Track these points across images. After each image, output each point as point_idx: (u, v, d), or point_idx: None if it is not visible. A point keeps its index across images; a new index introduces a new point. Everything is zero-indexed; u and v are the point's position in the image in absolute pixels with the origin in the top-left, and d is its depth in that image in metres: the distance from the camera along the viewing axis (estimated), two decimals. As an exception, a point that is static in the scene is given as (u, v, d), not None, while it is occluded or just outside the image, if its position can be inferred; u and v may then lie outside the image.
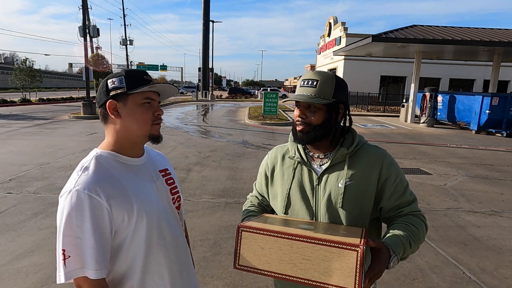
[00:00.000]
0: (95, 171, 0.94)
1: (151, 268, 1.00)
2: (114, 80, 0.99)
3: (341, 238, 0.78)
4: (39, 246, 3.33)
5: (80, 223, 0.87)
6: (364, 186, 1.11)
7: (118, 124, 1.01)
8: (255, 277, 2.94)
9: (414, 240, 1.04)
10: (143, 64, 45.68)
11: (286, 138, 7.73)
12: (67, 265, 0.86)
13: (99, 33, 27.09)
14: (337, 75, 1.17)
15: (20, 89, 24.07)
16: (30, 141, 8.93)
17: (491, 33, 16.42)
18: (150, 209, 0.99)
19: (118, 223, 0.93)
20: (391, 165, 1.14)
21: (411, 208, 1.13)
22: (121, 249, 0.96)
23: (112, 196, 0.92)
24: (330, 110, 1.13)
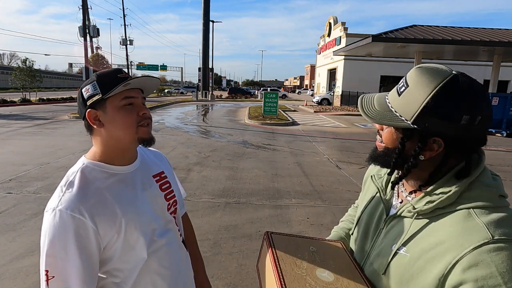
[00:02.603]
0: (79, 187, 0.90)
1: (143, 277, 0.97)
2: (88, 88, 0.93)
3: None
4: (39, 246, 3.33)
5: (63, 245, 0.84)
6: (415, 271, 0.69)
7: (102, 133, 0.95)
8: (255, 277, 2.94)
9: None
10: (143, 64, 45.70)
11: (286, 138, 7.75)
12: (50, 286, 0.84)
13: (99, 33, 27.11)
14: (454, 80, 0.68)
15: (20, 89, 24.06)
16: (30, 141, 8.93)
17: (491, 33, 16.42)
18: (140, 220, 0.94)
19: (107, 240, 0.90)
20: (487, 271, 0.60)
21: None
22: (111, 260, 0.93)
23: (97, 213, 0.87)
24: (406, 137, 0.73)
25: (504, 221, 0.64)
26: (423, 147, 0.71)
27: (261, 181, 5.84)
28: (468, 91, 0.67)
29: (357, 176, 6.35)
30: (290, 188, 5.48)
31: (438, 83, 0.68)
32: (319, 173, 6.49)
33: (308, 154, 8.26)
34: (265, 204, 4.73)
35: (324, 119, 17.49)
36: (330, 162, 7.48)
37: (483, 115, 0.66)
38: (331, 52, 29.16)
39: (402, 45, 15.08)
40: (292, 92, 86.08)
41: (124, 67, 44.49)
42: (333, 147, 9.46)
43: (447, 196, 0.69)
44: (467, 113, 0.65)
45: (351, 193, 5.34)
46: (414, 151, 0.72)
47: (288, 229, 3.93)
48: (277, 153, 8.32)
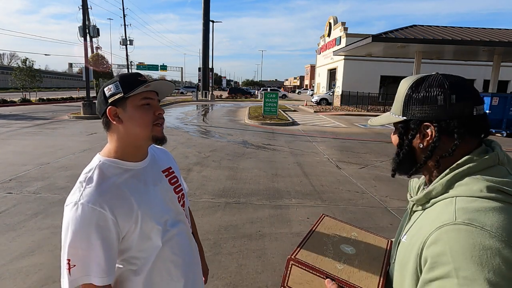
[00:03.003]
0: (99, 183, 0.96)
1: (158, 265, 1.04)
2: (110, 87, 1.00)
3: (363, 280, 0.85)
4: (39, 246, 3.33)
5: (85, 236, 0.91)
6: (407, 254, 0.76)
7: (120, 129, 1.01)
8: (255, 277, 2.95)
9: None
10: (143, 64, 45.68)
11: (286, 138, 7.75)
12: (72, 274, 0.91)
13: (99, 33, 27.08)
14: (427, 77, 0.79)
15: (20, 89, 24.08)
16: (30, 141, 8.93)
17: (491, 33, 16.42)
18: (154, 213, 1.02)
19: (125, 230, 0.97)
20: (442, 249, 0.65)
21: None
22: (128, 251, 1.00)
23: (116, 206, 0.94)
24: (403, 131, 0.83)
25: (478, 210, 0.66)
26: (416, 133, 0.79)
27: (261, 181, 5.84)
28: (437, 78, 0.78)
29: (357, 176, 6.35)
30: (290, 188, 5.48)
31: (413, 79, 0.81)
32: (319, 173, 6.49)
33: (308, 154, 8.26)
34: (265, 204, 4.73)
35: (324, 119, 17.49)
36: (330, 162, 7.48)
37: (458, 94, 0.74)
38: (331, 52, 29.15)
39: (402, 45, 15.08)
40: (292, 92, 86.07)
41: (124, 67, 44.49)
42: (333, 147, 9.46)
43: (436, 185, 0.76)
44: (439, 94, 0.75)
45: (351, 193, 5.34)
46: (407, 138, 0.81)
47: (288, 229, 3.93)
48: (277, 153, 8.32)
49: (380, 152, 8.84)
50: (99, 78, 34.17)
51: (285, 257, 3.29)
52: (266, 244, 3.56)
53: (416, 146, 0.81)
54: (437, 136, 0.77)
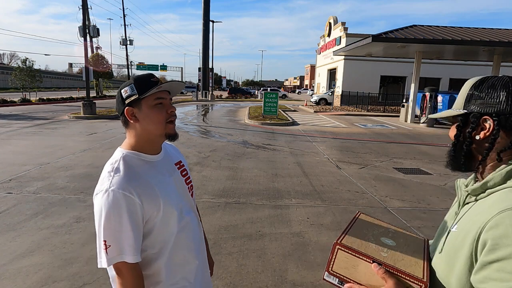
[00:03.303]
0: (125, 172, 1.07)
1: (175, 249, 1.16)
2: (126, 89, 1.12)
3: (408, 267, 0.88)
4: (39, 246, 3.33)
5: (118, 219, 1.02)
6: (460, 241, 0.79)
7: (137, 127, 1.13)
8: (255, 277, 2.95)
9: None
10: (143, 64, 45.66)
11: (286, 138, 7.74)
12: (109, 253, 1.01)
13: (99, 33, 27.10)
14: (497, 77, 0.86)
15: (20, 89, 24.06)
16: (30, 141, 8.93)
17: (491, 33, 16.42)
18: (171, 200, 1.13)
19: (149, 215, 1.08)
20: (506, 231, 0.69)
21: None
22: (150, 233, 1.11)
23: (142, 193, 1.05)
24: (462, 124, 0.88)
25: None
26: (475, 126, 0.84)
27: (261, 181, 5.84)
28: (501, 77, 0.84)
29: (357, 176, 6.35)
30: (290, 188, 5.48)
31: (478, 78, 0.87)
32: (319, 173, 6.49)
33: (308, 154, 8.26)
34: (265, 204, 4.73)
35: (324, 119, 17.49)
36: (330, 162, 7.48)
37: None
38: (331, 52, 29.15)
39: (402, 45, 15.08)
40: (292, 92, 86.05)
41: (124, 67, 44.49)
42: (333, 147, 9.46)
43: (495, 175, 0.79)
44: (502, 90, 0.81)
45: (351, 193, 5.34)
46: (467, 132, 0.86)
47: (288, 229, 3.93)
48: (277, 153, 8.32)
49: (380, 152, 8.84)
50: (99, 78, 34.21)
51: (285, 257, 3.30)
52: (266, 244, 3.56)
53: (473, 138, 0.85)
54: (497, 129, 0.81)
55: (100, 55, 33.88)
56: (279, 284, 2.86)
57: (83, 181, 5.47)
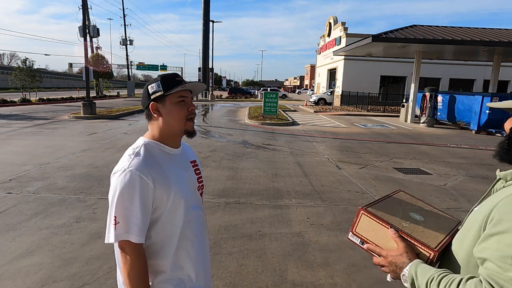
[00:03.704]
0: (145, 156, 1.14)
1: (180, 240, 1.20)
2: (153, 85, 1.20)
3: (425, 237, 0.95)
4: (39, 246, 3.33)
5: (130, 198, 1.08)
6: (476, 217, 0.85)
7: (160, 121, 1.21)
8: (255, 277, 2.95)
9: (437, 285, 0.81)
10: (143, 64, 45.64)
11: (286, 138, 7.74)
12: (117, 229, 1.07)
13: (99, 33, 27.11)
14: None
15: (20, 89, 24.05)
16: (30, 141, 8.93)
17: (491, 33, 16.42)
18: (182, 192, 1.19)
19: (159, 201, 1.13)
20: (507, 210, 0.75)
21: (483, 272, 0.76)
22: (157, 221, 1.16)
23: (156, 179, 1.11)
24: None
25: None
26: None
27: (261, 181, 5.84)
28: None
29: (357, 176, 6.35)
30: (290, 188, 5.48)
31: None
32: (319, 173, 6.49)
33: (308, 154, 8.26)
34: (265, 204, 4.73)
35: (324, 119, 17.49)
36: (330, 162, 7.48)
37: None
38: (331, 52, 29.15)
39: (402, 45, 15.08)
40: (292, 92, 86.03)
41: (124, 67, 44.46)
42: (333, 147, 9.46)
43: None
44: None
45: (351, 193, 5.34)
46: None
47: (288, 229, 3.93)
48: (277, 153, 8.32)
49: (380, 152, 8.84)
50: (99, 78, 34.20)
51: (285, 257, 3.30)
52: (266, 244, 3.56)
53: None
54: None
55: (100, 55, 33.88)
56: (279, 284, 2.86)
57: (83, 181, 5.47)
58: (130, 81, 41.81)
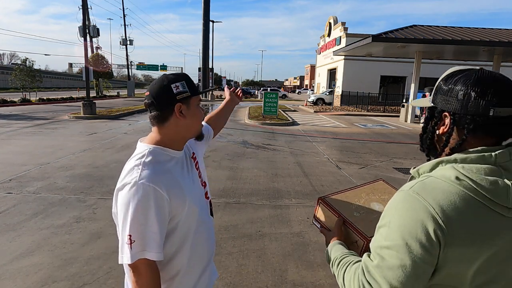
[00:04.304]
0: (154, 166, 1.06)
1: (195, 243, 1.17)
2: (178, 85, 1.11)
3: (367, 227, 1.05)
4: (39, 246, 3.33)
5: (145, 212, 0.99)
6: None
7: (180, 123, 1.13)
8: (255, 277, 2.95)
9: (336, 269, 0.93)
10: (143, 64, 45.65)
11: (286, 138, 7.74)
12: (133, 248, 0.97)
13: (99, 33, 27.10)
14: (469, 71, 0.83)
15: (20, 89, 24.05)
16: (30, 141, 8.93)
17: (491, 33, 16.42)
18: (194, 198, 1.15)
19: (174, 212, 1.06)
20: (390, 206, 0.82)
21: (363, 257, 0.84)
22: (174, 231, 1.10)
23: (170, 188, 1.04)
24: (429, 116, 0.90)
25: (434, 188, 0.76)
26: (438, 121, 0.86)
27: (261, 181, 5.84)
28: (469, 73, 0.81)
29: (357, 176, 6.35)
30: (290, 188, 5.48)
31: (450, 70, 0.86)
32: (319, 173, 6.49)
33: (308, 154, 8.26)
34: (265, 204, 4.73)
35: (324, 119, 17.49)
36: (330, 162, 7.48)
37: (478, 93, 0.78)
38: (331, 52, 29.15)
39: (402, 45, 15.08)
40: (292, 92, 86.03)
41: (124, 67, 44.46)
42: (333, 147, 9.46)
43: (426, 164, 0.86)
44: (462, 89, 0.80)
45: (351, 193, 5.33)
46: (431, 125, 0.89)
47: (288, 229, 3.93)
48: (277, 153, 8.32)
49: (380, 152, 8.85)
50: (99, 78, 34.20)
51: (285, 257, 3.30)
52: (266, 244, 3.56)
53: (435, 132, 0.88)
54: (452, 127, 0.82)
55: (100, 55, 33.88)
56: (279, 284, 2.86)
57: (83, 181, 5.47)
58: (130, 81, 41.83)
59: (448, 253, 0.73)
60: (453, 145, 0.84)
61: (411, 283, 0.73)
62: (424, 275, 0.74)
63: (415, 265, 0.73)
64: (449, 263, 0.74)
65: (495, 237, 0.74)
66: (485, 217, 0.74)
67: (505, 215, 0.75)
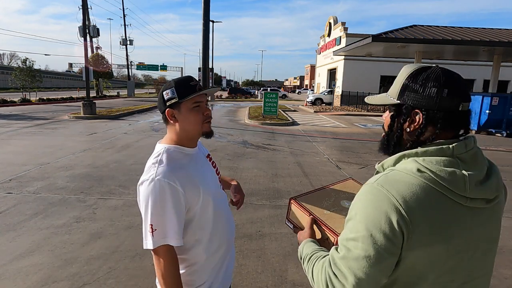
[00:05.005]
0: (169, 163, 1.17)
1: (213, 234, 1.27)
2: (168, 92, 1.21)
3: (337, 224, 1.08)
4: (39, 246, 3.33)
5: (163, 205, 1.12)
6: None
7: (176, 126, 1.24)
8: (255, 277, 2.95)
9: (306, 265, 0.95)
10: (143, 64, 45.62)
11: (286, 138, 7.74)
12: (155, 236, 1.13)
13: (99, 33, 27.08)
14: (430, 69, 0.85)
15: (20, 89, 24.05)
16: (30, 141, 8.93)
17: (491, 33, 16.42)
18: (209, 189, 1.25)
19: (190, 203, 1.19)
20: (356, 200, 0.85)
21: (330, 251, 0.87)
22: (192, 221, 1.22)
23: (184, 182, 1.16)
24: (395, 114, 0.90)
25: (397, 181, 0.79)
26: (407, 118, 0.87)
27: (261, 181, 5.84)
28: (435, 71, 0.84)
29: (357, 176, 6.34)
30: (290, 188, 5.48)
31: (413, 68, 0.87)
32: (319, 173, 6.49)
33: (308, 154, 8.26)
34: (265, 204, 4.73)
35: (324, 119, 17.49)
36: (330, 162, 7.48)
37: (450, 89, 0.81)
38: (331, 52, 29.15)
39: (402, 45, 15.08)
40: (292, 92, 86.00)
41: (124, 67, 44.44)
42: (333, 147, 9.46)
43: (389, 159, 0.89)
44: (434, 86, 0.82)
45: (351, 193, 5.33)
46: (399, 123, 0.89)
47: (288, 229, 3.92)
48: (277, 153, 8.32)
49: (380, 152, 8.83)
50: (99, 78, 34.18)
51: (285, 257, 3.30)
52: (266, 244, 3.56)
53: (404, 129, 0.88)
54: (424, 123, 0.84)
55: (100, 55, 33.86)
56: (279, 284, 2.86)
57: (83, 181, 5.47)
58: (130, 81, 41.81)
59: (410, 243, 0.75)
60: (424, 140, 0.85)
61: (375, 273, 0.76)
62: (388, 266, 0.77)
63: (379, 255, 0.75)
64: (411, 254, 0.76)
65: (454, 226, 0.78)
66: (445, 206, 0.77)
67: (463, 204, 0.78)
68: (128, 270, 2.97)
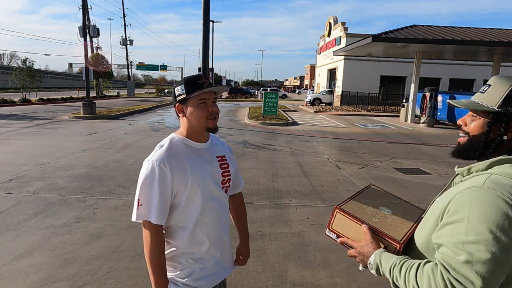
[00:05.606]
0: (167, 149, 1.31)
1: (198, 226, 1.35)
2: (178, 88, 1.34)
3: (392, 231, 1.07)
4: (39, 246, 3.33)
5: (151, 185, 1.25)
6: (436, 207, 0.95)
7: (184, 120, 1.37)
8: (255, 277, 2.95)
9: (400, 276, 0.91)
10: (143, 64, 45.62)
11: (286, 138, 7.74)
12: (139, 210, 1.26)
13: (99, 33, 27.11)
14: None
15: (20, 89, 24.05)
16: (30, 141, 8.93)
17: (491, 33, 16.42)
18: (201, 182, 1.33)
19: (177, 188, 1.29)
20: (461, 203, 0.84)
21: (438, 256, 0.84)
22: (177, 207, 1.32)
23: (174, 169, 1.27)
24: (493, 121, 0.93)
25: (505, 184, 0.83)
26: (507, 127, 0.91)
27: (261, 181, 5.84)
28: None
29: (357, 176, 6.35)
30: (290, 188, 5.48)
31: None
32: (319, 173, 6.49)
33: (308, 154, 8.26)
34: (265, 204, 4.73)
35: (324, 119, 17.49)
36: (330, 162, 7.48)
37: None
38: (331, 52, 29.13)
39: (402, 45, 15.07)
40: (292, 92, 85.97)
41: (124, 67, 44.45)
42: (333, 147, 9.46)
43: (481, 163, 0.92)
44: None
45: (351, 193, 5.30)
46: (499, 131, 0.92)
47: (288, 229, 3.93)
48: (277, 153, 8.32)
49: (380, 152, 8.84)
50: (99, 78, 34.19)
51: (285, 257, 3.30)
52: (266, 244, 3.56)
53: (500, 137, 0.92)
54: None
55: (100, 55, 33.87)
56: (279, 284, 2.86)
57: (83, 181, 5.47)
58: (130, 81, 41.81)
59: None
60: None
61: (501, 274, 0.78)
62: (509, 265, 0.79)
63: (504, 256, 0.77)
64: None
65: None
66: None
67: None
68: (128, 270, 2.97)
